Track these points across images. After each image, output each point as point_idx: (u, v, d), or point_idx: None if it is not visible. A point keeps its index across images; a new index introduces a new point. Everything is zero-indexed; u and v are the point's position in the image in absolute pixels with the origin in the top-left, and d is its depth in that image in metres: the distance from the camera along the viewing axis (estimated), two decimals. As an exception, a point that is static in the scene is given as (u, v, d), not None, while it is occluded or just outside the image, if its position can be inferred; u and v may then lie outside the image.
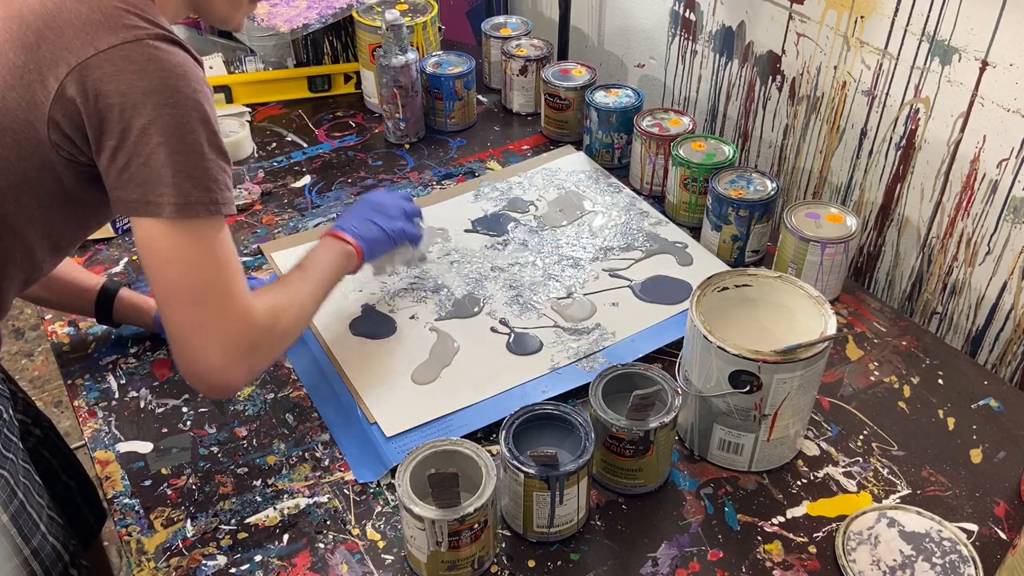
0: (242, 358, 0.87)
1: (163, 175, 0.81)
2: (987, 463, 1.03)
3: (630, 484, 0.99)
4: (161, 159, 0.81)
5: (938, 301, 1.33)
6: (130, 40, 0.80)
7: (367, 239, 1.10)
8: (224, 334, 0.86)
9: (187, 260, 0.84)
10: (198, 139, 0.83)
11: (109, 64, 0.79)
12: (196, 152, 0.83)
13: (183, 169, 0.82)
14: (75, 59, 0.79)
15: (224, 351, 0.86)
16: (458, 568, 0.89)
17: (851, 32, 1.31)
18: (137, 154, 0.81)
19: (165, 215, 0.82)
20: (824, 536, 0.95)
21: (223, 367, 0.86)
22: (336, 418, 1.08)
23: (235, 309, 0.86)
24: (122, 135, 0.80)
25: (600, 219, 1.39)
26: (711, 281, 1.02)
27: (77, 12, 0.81)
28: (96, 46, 0.80)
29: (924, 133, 1.26)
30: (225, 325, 0.86)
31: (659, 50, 1.70)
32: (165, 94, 0.80)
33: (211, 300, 0.85)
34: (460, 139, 1.61)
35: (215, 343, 0.86)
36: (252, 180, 1.49)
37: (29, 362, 2.35)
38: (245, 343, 0.87)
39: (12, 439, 1.00)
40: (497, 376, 1.12)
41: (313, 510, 0.98)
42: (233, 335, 0.86)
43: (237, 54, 1.68)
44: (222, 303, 0.86)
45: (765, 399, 0.95)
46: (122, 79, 0.79)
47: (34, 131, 0.82)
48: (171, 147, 0.81)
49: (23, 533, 0.97)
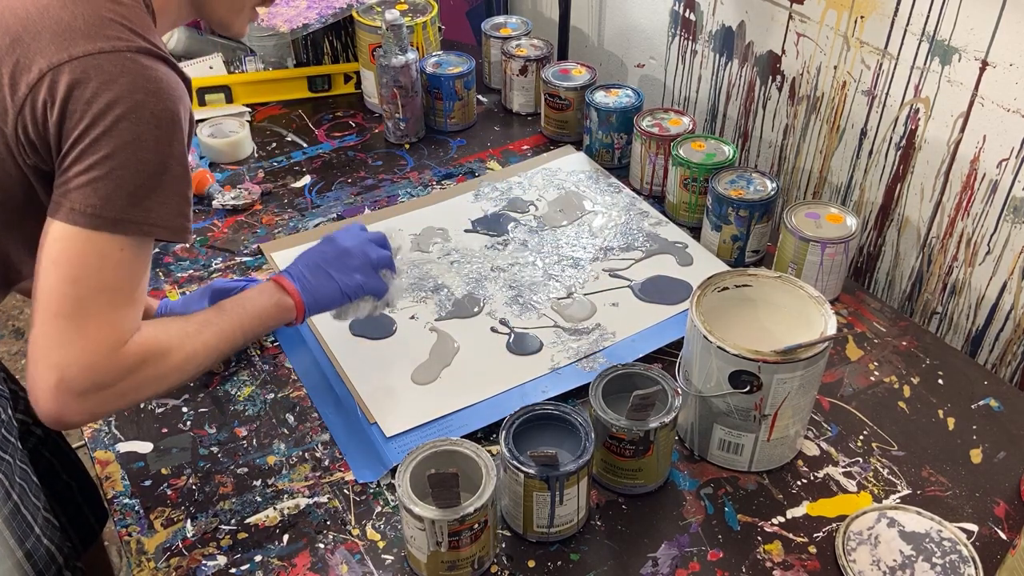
0: (83, 393, 0.79)
1: (100, 186, 0.78)
2: (987, 463, 1.03)
3: (630, 484, 0.99)
4: (104, 170, 0.78)
5: (938, 301, 1.33)
6: (107, 50, 0.78)
7: (314, 293, 0.99)
8: (73, 359, 0.78)
9: (76, 268, 0.78)
10: (152, 159, 0.79)
11: (80, 71, 0.77)
12: (147, 172, 0.79)
13: (125, 185, 0.78)
14: (47, 64, 0.78)
15: (63, 378, 0.78)
16: (458, 568, 0.89)
17: (851, 32, 1.31)
18: (81, 160, 0.78)
19: (82, 224, 0.78)
20: (824, 536, 0.95)
21: (55, 395, 0.78)
22: (336, 418, 1.08)
23: (98, 337, 0.79)
24: (76, 140, 0.78)
25: (600, 219, 1.39)
26: (711, 281, 1.02)
27: (58, 18, 0.79)
28: (71, 52, 0.78)
29: (924, 133, 1.26)
30: (77, 349, 0.78)
31: (659, 50, 1.70)
32: (127, 107, 0.78)
33: (76, 317, 0.78)
34: (460, 139, 1.61)
35: (58, 366, 0.77)
36: (252, 180, 1.49)
37: (29, 362, 2.35)
38: (92, 378, 0.79)
39: (10, 440, 1.00)
40: (497, 376, 1.12)
41: (313, 510, 0.98)
42: (82, 363, 0.78)
43: (237, 54, 1.68)
44: (86, 325, 0.78)
45: (765, 399, 0.95)
46: (89, 86, 0.77)
47: (3, 137, 0.80)
48: (119, 161, 0.78)
49: (17, 535, 0.96)
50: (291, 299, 0.98)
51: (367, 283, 1.03)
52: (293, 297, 0.98)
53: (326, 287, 1.00)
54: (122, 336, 0.81)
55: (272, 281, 0.99)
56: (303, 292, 0.98)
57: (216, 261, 1.32)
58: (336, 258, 1.02)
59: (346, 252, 1.03)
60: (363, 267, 1.03)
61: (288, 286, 0.98)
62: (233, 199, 1.42)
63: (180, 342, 0.86)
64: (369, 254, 1.04)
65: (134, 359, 0.81)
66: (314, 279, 1.00)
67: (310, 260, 1.02)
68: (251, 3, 0.98)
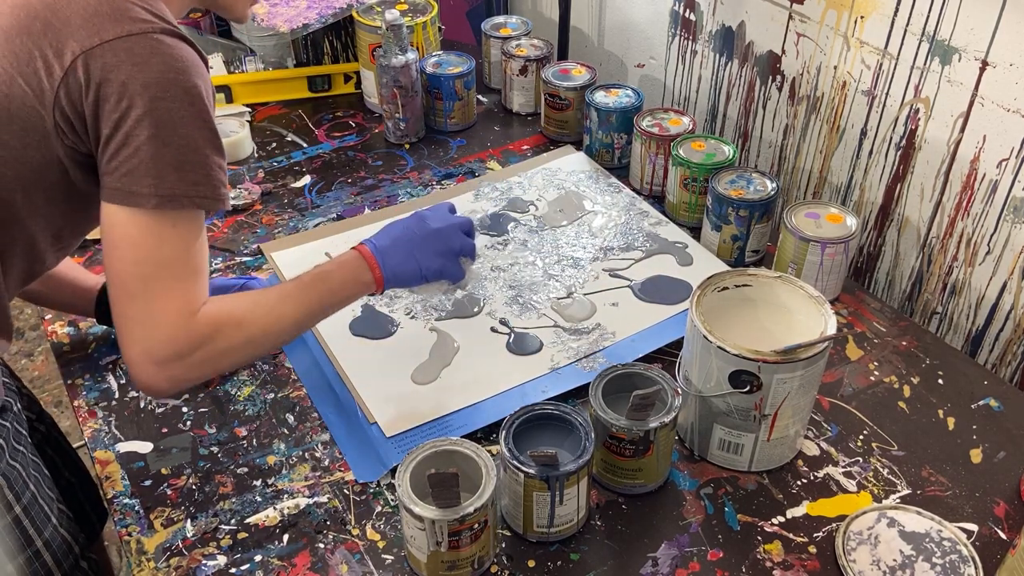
0: (163, 364, 0.84)
1: (150, 167, 0.81)
2: (987, 463, 1.03)
3: (630, 484, 0.99)
4: (151, 151, 0.81)
5: (938, 301, 1.33)
6: (135, 32, 0.81)
7: (395, 269, 1.00)
8: (151, 333, 0.83)
9: (137, 249, 0.83)
10: (192, 133, 0.83)
11: (112, 54, 0.80)
12: (188, 147, 0.83)
13: (171, 162, 0.82)
14: (80, 47, 0.80)
15: (146, 351, 0.83)
16: (458, 568, 0.89)
17: (851, 32, 1.31)
18: (127, 144, 0.81)
19: (144, 206, 0.82)
20: (824, 536, 0.95)
21: (143, 367, 0.84)
22: (336, 418, 1.08)
23: (168, 309, 0.83)
24: (116, 124, 0.81)
25: (600, 219, 1.39)
26: (711, 281, 1.02)
27: (84, 3, 0.82)
28: (101, 36, 0.81)
29: (924, 133, 1.26)
30: (153, 324, 0.83)
31: (659, 50, 1.70)
32: (163, 87, 0.81)
33: (146, 295, 0.83)
34: (460, 139, 1.61)
35: (140, 340, 0.83)
36: (252, 180, 1.49)
37: (29, 362, 2.35)
38: (169, 348, 0.83)
39: (22, 432, 1.01)
40: (497, 376, 1.12)
41: (313, 510, 0.98)
42: (159, 336, 0.83)
43: (237, 54, 1.68)
44: (155, 300, 0.83)
45: (765, 399, 0.95)
46: (123, 69, 0.80)
47: (40, 119, 0.83)
48: (162, 139, 0.81)
49: (35, 525, 0.97)
50: (372, 274, 0.99)
51: (447, 269, 1.03)
52: (374, 272, 0.99)
53: (407, 266, 1.01)
54: (192, 306, 0.84)
55: (355, 252, 0.99)
56: (384, 268, 0.99)
57: (216, 261, 1.32)
58: (423, 239, 1.02)
59: (433, 235, 1.03)
60: (447, 252, 1.03)
61: (371, 260, 0.99)
62: (233, 199, 1.42)
63: (254, 314, 0.90)
64: (454, 240, 1.04)
65: (208, 328, 0.85)
66: (397, 257, 1.00)
67: (397, 236, 1.02)
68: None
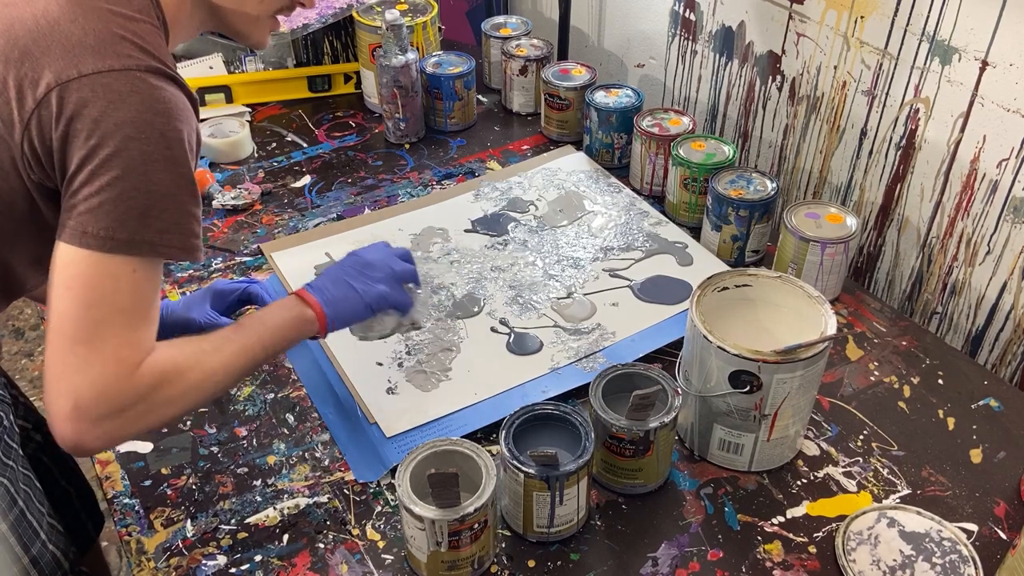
0: (99, 419, 0.78)
1: (111, 209, 0.77)
2: (987, 463, 1.03)
3: (630, 484, 0.99)
4: (115, 192, 0.77)
5: (938, 301, 1.33)
6: (116, 68, 0.77)
7: (336, 305, 0.96)
8: (90, 383, 0.77)
9: (91, 291, 0.77)
10: (163, 179, 0.78)
11: (88, 89, 0.76)
12: (157, 193, 0.78)
13: (136, 207, 0.77)
14: (55, 79, 0.77)
15: (78, 405, 0.76)
16: (458, 568, 0.89)
17: (851, 32, 1.31)
18: (90, 182, 0.77)
19: (95, 247, 0.77)
20: (824, 536, 0.95)
21: (73, 423, 0.77)
22: (336, 418, 1.08)
23: (113, 359, 0.78)
24: (83, 161, 0.77)
25: (600, 219, 1.39)
26: (711, 281, 1.02)
27: (68, 33, 0.78)
28: (80, 69, 0.77)
29: (924, 133, 1.26)
30: (93, 375, 0.77)
31: (659, 50, 1.70)
32: (138, 127, 0.77)
33: (92, 341, 0.77)
34: (460, 139, 1.61)
35: (73, 392, 0.76)
36: (252, 180, 1.49)
37: (29, 362, 2.35)
38: (108, 402, 0.78)
39: (12, 446, 0.99)
40: (497, 376, 1.12)
41: (313, 510, 0.98)
42: (97, 389, 0.77)
43: (237, 54, 1.68)
44: (102, 348, 0.77)
45: (765, 399, 0.95)
46: (97, 105, 0.76)
47: (8, 150, 0.79)
48: (130, 182, 0.77)
49: (22, 541, 0.96)
50: (312, 311, 0.95)
51: (390, 295, 1.00)
52: (314, 309, 0.95)
53: (349, 298, 0.97)
54: (138, 357, 0.79)
55: (293, 295, 0.96)
56: (325, 304, 0.95)
57: (216, 261, 1.32)
58: (359, 271, 1.00)
59: (369, 264, 1.01)
60: (386, 279, 1.01)
61: (309, 299, 0.95)
62: (233, 199, 1.42)
63: (196, 361, 0.85)
64: (392, 266, 1.02)
65: (149, 380, 0.80)
66: (336, 290, 0.97)
67: (332, 274, 1.00)
68: (269, 12, 0.95)
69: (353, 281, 0.98)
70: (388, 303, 1.00)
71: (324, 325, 0.95)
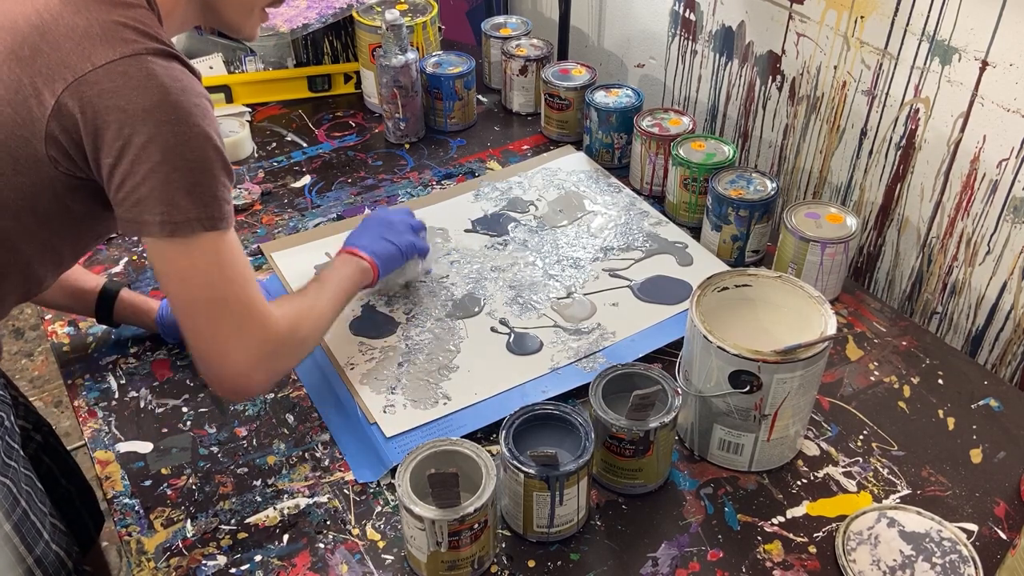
0: (262, 364, 0.89)
1: (160, 194, 0.80)
2: (987, 463, 1.03)
3: (630, 484, 0.99)
4: (160, 177, 0.79)
5: (938, 301, 1.33)
6: (128, 55, 0.79)
7: (381, 255, 1.13)
8: (245, 343, 0.87)
9: (196, 277, 0.84)
10: (200, 155, 0.81)
11: (107, 80, 0.78)
12: (198, 169, 0.81)
13: (183, 187, 0.80)
14: (72, 74, 0.78)
15: (245, 359, 0.87)
16: (458, 568, 0.89)
17: (851, 32, 1.31)
18: (133, 172, 0.79)
19: (156, 234, 0.81)
20: (824, 536, 0.95)
21: (245, 373, 0.88)
22: (336, 418, 1.08)
23: (253, 318, 0.87)
24: (120, 152, 0.79)
25: (600, 219, 1.39)
26: (711, 281, 1.02)
27: (73, 25, 0.79)
28: (93, 61, 0.78)
29: (924, 133, 1.26)
30: (246, 335, 0.87)
31: (659, 50, 1.70)
32: (166, 110, 0.79)
33: (227, 314, 0.86)
34: (460, 139, 1.61)
35: (236, 352, 0.86)
36: (252, 180, 1.49)
37: (29, 362, 2.35)
38: (266, 349, 0.88)
39: (14, 446, 0.99)
40: (497, 376, 1.12)
41: (313, 510, 0.98)
42: (254, 343, 0.87)
43: (237, 54, 1.68)
44: (240, 315, 0.86)
45: (765, 399, 0.95)
46: (121, 95, 0.78)
47: (31, 147, 0.80)
48: (171, 164, 0.79)
49: (26, 542, 0.96)
50: (367, 262, 1.11)
51: (416, 241, 1.20)
52: (368, 261, 1.11)
53: (388, 249, 1.14)
54: (266, 308, 0.89)
55: (344, 252, 1.12)
56: (374, 256, 1.12)
57: (216, 261, 1.32)
58: (387, 227, 1.17)
59: (391, 222, 1.18)
60: (409, 229, 1.19)
61: (360, 255, 1.11)
62: (233, 199, 1.42)
63: (308, 308, 0.97)
64: (409, 221, 1.20)
65: (287, 325, 0.91)
66: (377, 245, 1.14)
67: (366, 233, 1.15)
68: (260, 4, 0.97)
69: (386, 235, 1.16)
70: (416, 249, 1.20)
71: (376, 274, 1.13)
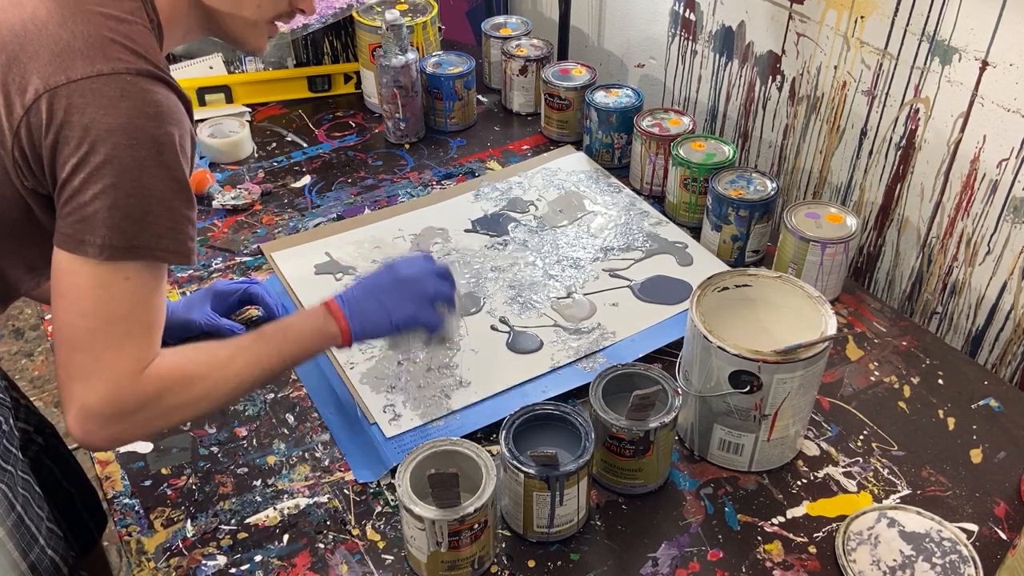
0: (104, 423, 0.79)
1: (106, 216, 0.76)
2: (987, 463, 1.03)
3: (630, 484, 0.99)
4: (108, 200, 0.76)
5: (938, 301, 1.33)
6: (106, 72, 0.76)
7: (362, 318, 0.94)
8: (93, 389, 0.78)
9: (82, 303, 0.78)
10: (157, 184, 0.78)
11: (78, 95, 0.75)
12: (151, 197, 0.78)
13: (131, 213, 0.77)
14: (44, 85, 0.76)
15: (84, 409, 0.78)
16: (458, 568, 0.89)
17: (851, 32, 1.31)
18: (83, 190, 0.76)
19: (94, 256, 0.77)
20: (824, 536, 0.95)
21: (80, 424, 0.79)
22: (336, 418, 1.08)
23: (114, 367, 0.78)
24: (74, 169, 0.76)
25: (600, 219, 1.39)
26: (711, 281, 1.02)
27: (57, 37, 0.77)
28: (68, 75, 0.76)
29: (924, 133, 1.26)
30: (96, 381, 0.78)
31: (659, 50, 1.70)
32: (129, 133, 0.76)
33: (91, 350, 0.78)
34: (460, 139, 1.61)
35: (79, 396, 0.78)
36: (252, 180, 1.49)
37: (29, 362, 2.35)
38: (111, 408, 0.79)
39: (11, 450, 0.99)
40: (497, 376, 1.12)
41: (313, 510, 0.98)
42: (100, 396, 0.78)
43: (237, 54, 1.68)
44: (101, 357, 0.78)
45: (765, 399, 0.95)
46: (87, 112, 0.75)
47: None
48: (124, 189, 0.76)
49: (20, 547, 0.96)
50: (337, 325, 0.93)
51: (419, 315, 0.97)
52: (339, 323, 0.93)
53: (376, 315, 0.95)
54: (140, 364, 0.80)
55: (322, 305, 0.95)
56: (351, 318, 0.93)
57: (216, 261, 1.32)
58: (392, 286, 0.97)
59: (403, 281, 0.97)
60: (417, 298, 0.97)
61: (336, 311, 0.94)
62: (233, 199, 1.42)
63: (207, 370, 0.85)
64: (427, 286, 0.98)
65: (155, 387, 0.81)
66: (364, 305, 0.95)
67: (365, 285, 0.97)
68: (266, 17, 0.94)
69: (383, 297, 0.96)
70: (416, 323, 0.97)
71: (348, 339, 0.94)
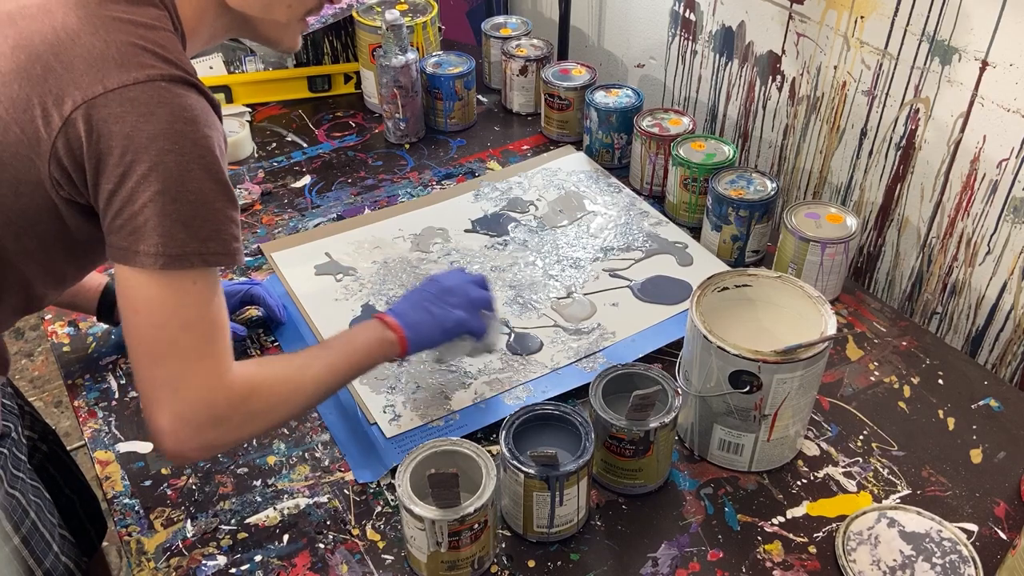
0: (198, 430, 0.81)
1: (157, 224, 0.77)
2: (987, 463, 1.03)
3: (630, 484, 0.99)
4: (158, 207, 0.77)
5: (938, 301, 1.33)
6: (141, 80, 0.77)
7: (416, 328, 0.99)
8: (182, 399, 0.79)
9: (156, 314, 0.79)
10: (202, 187, 0.78)
11: (116, 104, 0.76)
12: (198, 201, 0.78)
13: (180, 219, 0.77)
14: (81, 96, 0.76)
15: (177, 417, 0.79)
16: (458, 568, 0.89)
17: (851, 32, 1.31)
18: (132, 200, 0.77)
19: (150, 265, 0.77)
20: (824, 536, 0.95)
21: (174, 433, 0.80)
22: (336, 418, 1.08)
23: (200, 375, 0.80)
24: (120, 179, 0.76)
25: (600, 219, 1.39)
26: (711, 281, 1.02)
27: (90, 46, 0.77)
28: (105, 84, 0.76)
29: (924, 133, 1.26)
30: (184, 391, 0.79)
31: (659, 50, 1.70)
32: (171, 139, 0.76)
33: (173, 361, 0.79)
34: (460, 139, 1.61)
35: (170, 407, 0.79)
36: (252, 180, 1.49)
37: (29, 362, 2.35)
38: (205, 414, 0.81)
39: (21, 458, 0.99)
40: (497, 376, 1.12)
41: (313, 510, 0.98)
42: (192, 402, 0.80)
43: (237, 54, 1.68)
44: (185, 366, 0.79)
45: (765, 399, 0.95)
46: (127, 121, 0.76)
47: (34, 169, 0.78)
48: (171, 195, 0.77)
49: (35, 555, 0.96)
50: (394, 334, 0.97)
51: (467, 321, 1.02)
52: (396, 332, 0.97)
53: (427, 323, 1.00)
54: (224, 365, 0.82)
55: (375, 318, 0.99)
56: (406, 328, 0.98)
57: (216, 261, 1.32)
58: (437, 296, 1.02)
59: (447, 290, 1.03)
60: (463, 305, 1.03)
61: (391, 322, 0.98)
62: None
63: (287, 375, 0.88)
64: (469, 293, 1.04)
65: (243, 389, 0.83)
66: (416, 315, 1.00)
67: (412, 299, 1.02)
68: (298, 16, 0.93)
69: (432, 306, 1.01)
70: (464, 329, 1.02)
71: (404, 348, 0.98)
